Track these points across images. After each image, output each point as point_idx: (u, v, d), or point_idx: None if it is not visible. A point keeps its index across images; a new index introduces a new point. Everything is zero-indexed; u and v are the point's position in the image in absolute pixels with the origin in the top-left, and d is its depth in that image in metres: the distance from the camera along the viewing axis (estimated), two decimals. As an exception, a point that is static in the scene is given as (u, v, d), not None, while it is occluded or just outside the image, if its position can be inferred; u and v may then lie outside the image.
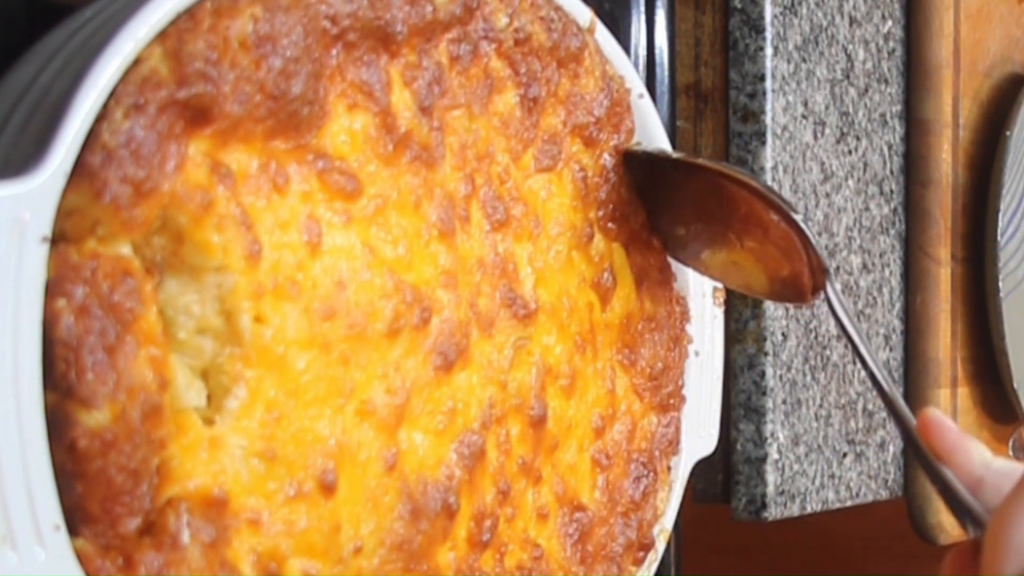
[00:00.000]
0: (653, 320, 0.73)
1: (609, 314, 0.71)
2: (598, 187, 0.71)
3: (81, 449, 0.50)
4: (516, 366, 0.67)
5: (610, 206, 0.71)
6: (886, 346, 1.11)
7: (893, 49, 1.11)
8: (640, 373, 0.73)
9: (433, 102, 0.62)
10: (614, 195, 0.71)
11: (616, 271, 0.71)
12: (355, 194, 0.59)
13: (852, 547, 1.46)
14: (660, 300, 0.74)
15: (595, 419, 0.70)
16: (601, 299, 0.71)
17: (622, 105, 0.71)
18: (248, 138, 0.55)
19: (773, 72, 0.99)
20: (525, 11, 0.67)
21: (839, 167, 1.06)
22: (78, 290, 0.50)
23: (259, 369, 0.55)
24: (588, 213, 0.70)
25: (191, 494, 0.53)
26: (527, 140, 0.67)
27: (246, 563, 0.55)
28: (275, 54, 0.55)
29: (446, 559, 0.63)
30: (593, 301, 0.71)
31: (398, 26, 0.60)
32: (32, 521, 0.49)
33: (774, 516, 0.99)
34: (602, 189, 0.71)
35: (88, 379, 0.50)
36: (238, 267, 0.55)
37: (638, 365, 0.73)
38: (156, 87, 0.52)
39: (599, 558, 0.70)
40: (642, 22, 0.91)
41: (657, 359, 0.73)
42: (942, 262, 1.12)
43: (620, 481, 0.71)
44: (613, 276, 0.71)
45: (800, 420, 1.02)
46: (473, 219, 0.65)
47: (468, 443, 0.64)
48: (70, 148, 0.50)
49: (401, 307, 0.60)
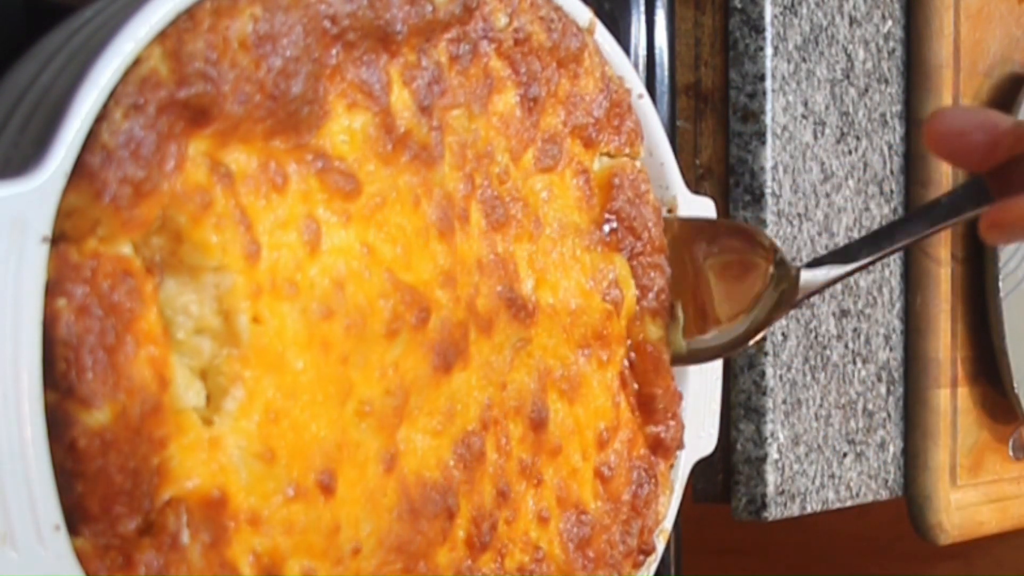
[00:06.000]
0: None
1: (619, 325, 0.71)
2: (603, 189, 0.71)
3: (81, 448, 0.50)
4: (516, 367, 0.67)
5: (616, 208, 0.71)
6: (886, 346, 1.11)
7: (893, 49, 1.11)
8: (632, 393, 0.73)
9: (433, 102, 0.62)
10: (620, 196, 0.71)
11: (620, 280, 0.71)
12: (354, 194, 0.59)
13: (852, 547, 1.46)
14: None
15: (599, 429, 0.70)
16: (615, 306, 0.71)
17: (622, 106, 0.71)
18: (248, 138, 0.55)
19: (773, 72, 1.00)
20: (525, 11, 0.67)
21: (839, 167, 1.06)
22: (78, 290, 0.50)
23: (257, 370, 0.55)
24: (592, 215, 0.70)
25: (190, 494, 0.53)
26: (527, 140, 0.67)
27: (245, 563, 0.55)
28: (275, 54, 0.55)
29: (445, 560, 0.63)
30: (604, 308, 0.70)
31: (398, 26, 0.60)
32: (32, 521, 0.49)
33: (774, 516, 0.99)
34: (607, 190, 0.71)
35: (88, 379, 0.50)
36: (237, 267, 0.55)
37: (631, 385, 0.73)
38: (156, 87, 0.52)
39: (601, 564, 0.70)
40: (642, 22, 0.91)
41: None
42: (942, 262, 1.12)
43: (622, 490, 0.71)
44: (618, 283, 0.71)
45: (800, 420, 1.02)
46: (472, 219, 0.65)
47: (467, 444, 0.64)
48: (70, 148, 0.50)
49: (400, 307, 0.60)
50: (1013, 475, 1.22)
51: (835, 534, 1.41)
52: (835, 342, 1.05)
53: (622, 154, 0.72)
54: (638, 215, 0.72)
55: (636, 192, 0.72)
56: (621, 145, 0.72)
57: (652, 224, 0.72)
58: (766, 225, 0.99)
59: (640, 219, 0.72)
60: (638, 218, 0.72)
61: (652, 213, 0.72)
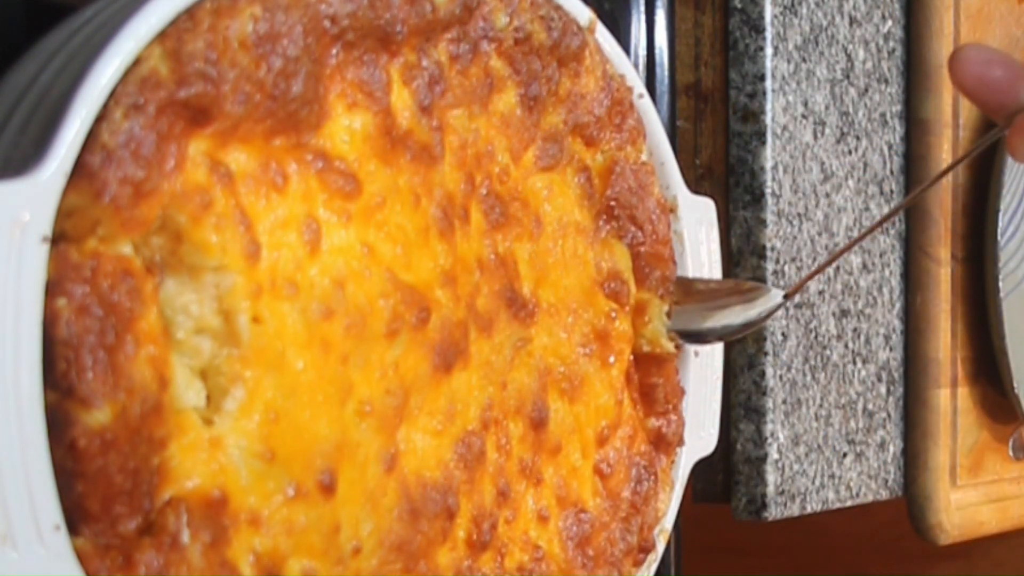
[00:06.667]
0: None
1: (624, 323, 0.71)
2: (602, 177, 0.71)
3: (81, 448, 0.50)
4: (516, 367, 0.66)
5: (618, 208, 0.71)
6: (886, 346, 1.11)
7: (893, 49, 1.11)
8: (634, 387, 0.73)
9: (433, 101, 0.62)
10: (620, 184, 0.71)
11: (621, 269, 0.71)
12: (354, 193, 0.59)
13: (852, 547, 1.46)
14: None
15: (600, 427, 0.70)
16: (618, 303, 0.71)
17: (623, 104, 0.71)
18: (248, 138, 0.55)
19: (773, 72, 1.00)
20: (525, 10, 0.67)
21: (839, 167, 1.06)
22: (78, 289, 0.50)
23: (257, 369, 0.55)
24: (593, 210, 0.70)
25: (190, 494, 0.53)
26: (527, 139, 0.67)
27: (245, 563, 0.55)
28: (275, 54, 0.55)
29: (445, 560, 0.63)
30: (610, 308, 0.70)
31: (398, 26, 0.60)
32: (32, 520, 0.49)
33: (774, 516, 0.99)
34: (606, 177, 0.71)
35: (88, 378, 0.50)
36: (237, 267, 0.55)
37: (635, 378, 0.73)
38: (156, 87, 0.52)
39: (601, 562, 0.70)
40: (642, 22, 0.91)
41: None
42: (942, 262, 1.12)
43: (621, 487, 0.71)
44: (623, 280, 0.71)
45: (800, 420, 1.02)
46: (473, 218, 0.64)
47: (467, 444, 0.64)
48: (70, 148, 0.50)
49: (400, 307, 0.60)
50: (1013, 475, 1.22)
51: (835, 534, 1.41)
52: (835, 342, 1.05)
53: (624, 152, 0.72)
54: (640, 205, 0.72)
55: (638, 182, 0.72)
56: (622, 143, 0.71)
57: (656, 217, 0.72)
58: (766, 225, 0.99)
59: (642, 209, 0.72)
60: (639, 207, 0.72)
61: (656, 207, 0.72)
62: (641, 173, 0.72)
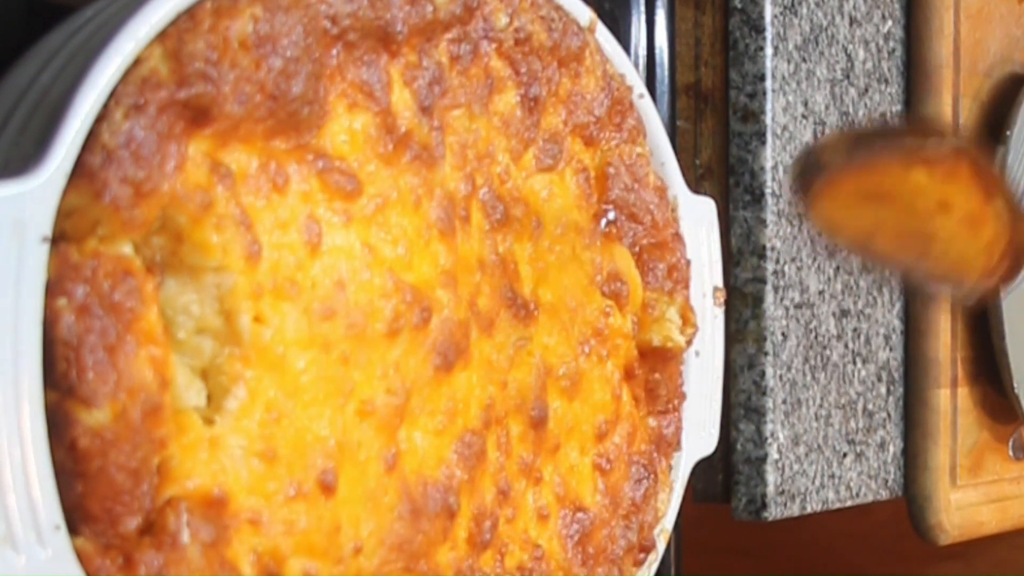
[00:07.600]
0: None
1: (620, 319, 0.71)
2: (599, 180, 0.71)
3: (81, 448, 0.50)
4: (516, 366, 0.67)
5: (613, 198, 0.71)
6: (886, 346, 1.11)
7: (893, 49, 1.11)
8: (638, 383, 0.73)
9: (433, 102, 0.62)
10: (616, 186, 0.71)
11: (622, 272, 0.71)
12: (355, 194, 0.59)
13: (852, 547, 1.46)
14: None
15: (598, 423, 0.70)
16: (617, 303, 0.71)
17: (624, 104, 0.71)
18: (248, 138, 0.55)
19: (773, 72, 1.00)
20: (525, 11, 0.67)
21: (839, 167, 1.06)
22: (79, 289, 0.50)
23: (258, 369, 0.55)
24: (591, 211, 0.70)
25: (191, 494, 0.53)
26: (528, 140, 0.67)
27: (246, 563, 0.55)
28: (275, 54, 0.55)
29: (446, 559, 0.63)
30: (605, 305, 0.70)
31: (398, 26, 0.60)
32: (32, 520, 0.49)
33: (774, 516, 0.99)
34: (602, 181, 0.71)
35: (89, 378, 0.50)
36: (237, 267, 0.55)
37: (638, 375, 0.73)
38: (156, 87, 0.52)
39: (600, 560, 0.70)
40: (642, 22, 0.91)
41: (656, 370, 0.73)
42: (942, 262, 1.12)
43: (621, 484, 0.71)
44: (623, 281, 0.71)
45: (800, 420, 1.02)
46: (473, 219, 0.65)
47: (468, 443, 0.64)
48: (70, 148, 0.50)
49: (401, 307, 0.60)
50: (1013, 475, 1.22)
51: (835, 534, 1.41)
52: (835, 342, 1.05)
53: (621, 151, 0.72)
54: (637, 200, 0.72)
55: (634, 177, 0.72)
56: (623, 142, 0.71)
57: (654, 206, 0.72)
58: (766, 225, 0.99)
59: (640, 204, 0.72)
60: (637, 203, 0.72)
61: (653, 194, 0.72)
62: (635, 166, 0.72)
